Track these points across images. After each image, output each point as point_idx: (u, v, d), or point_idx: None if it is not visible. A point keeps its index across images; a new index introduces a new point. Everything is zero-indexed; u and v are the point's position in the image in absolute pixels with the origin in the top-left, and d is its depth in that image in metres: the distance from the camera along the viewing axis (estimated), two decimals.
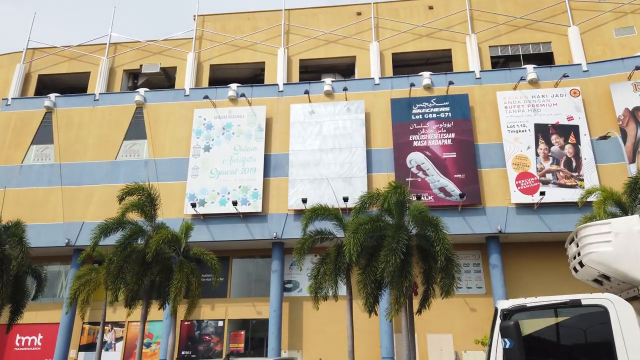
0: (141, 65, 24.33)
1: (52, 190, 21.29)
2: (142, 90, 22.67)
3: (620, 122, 18.96)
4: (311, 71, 24.17)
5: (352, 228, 12.13)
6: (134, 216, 15.25)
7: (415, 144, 19.98)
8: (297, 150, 20.42)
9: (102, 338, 17.49)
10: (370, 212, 14.02)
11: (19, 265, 12.67)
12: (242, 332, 19.05)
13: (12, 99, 23.37)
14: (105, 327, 20.37)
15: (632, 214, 11.85)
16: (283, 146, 20.73)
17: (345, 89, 20.74)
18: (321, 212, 14.41)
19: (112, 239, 14.90)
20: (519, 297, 18.46)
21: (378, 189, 13.91)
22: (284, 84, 22.02)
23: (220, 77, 24.07)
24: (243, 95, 21.44)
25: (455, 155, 19.49)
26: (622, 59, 19.88)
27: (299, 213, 19.25)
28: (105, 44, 24.65)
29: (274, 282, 18.97)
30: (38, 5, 61.13)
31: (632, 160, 18.37)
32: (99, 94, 23.09)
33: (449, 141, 19.81)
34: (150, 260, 13.68)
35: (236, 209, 19.16)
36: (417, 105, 20.62)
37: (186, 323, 19.73)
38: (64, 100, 23.05)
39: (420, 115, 20.44)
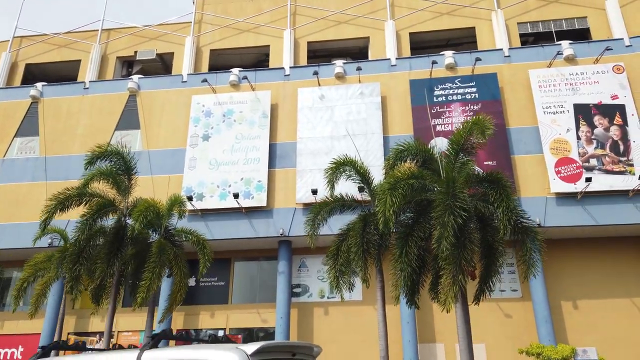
0: (136, 52, 22.46)
1: (36, 186, 19.27)
2: (135, 77, 20.74)
3: None
4: (320, 55, 22.13)
5: (388, 185, 9.69)
6: (105, 189, 13.00)
7: (438, 128, 17.77)
8: (305, 137, 18.29)
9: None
10: None
11: None
12: (239, 336, 16.71)
13: None
14: (93, 338, 18.22)
15: None
16: (290, 134, 18.62)
17: (359, 69, 18.62)
18: (349, 164, 12.13)
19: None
20: (560, 300, 15.76)
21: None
22: (290, 67, 19.97)
23: (221, 63, 22.11)
24: (245, 78, 19.42)
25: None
26: None
27: (308, 207, 17.05)
28: (97, 30, 22.83)
29: (280, 285, 16.70)
30: None
31: None
32: (89, 82, 21.17)
33: None
34: (123, 242, 11.41)
35: (238, 203, 17.00)
36: (440, 87, 18.46)
37: (182, 332, 17.48)
38: (52, 89, 21.15)
39: (444, 97, 18.27)
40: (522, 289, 16.71)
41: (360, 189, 15.01)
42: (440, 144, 17.38)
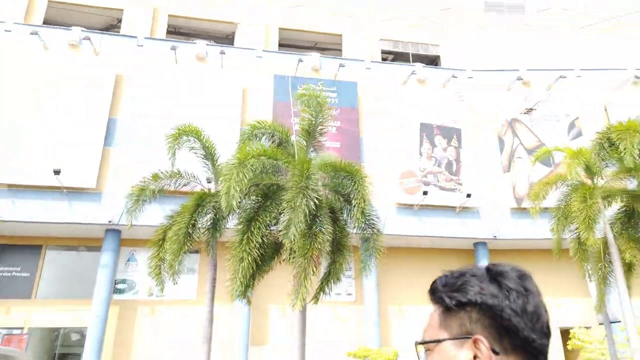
0: None
1: None
2: None
3: (499, 131, 18.82)
4: (182, 33, 20.41)
5: (237, 160, 8.69)
6: None
7: (297, 127, 17.46)
8: (154, 117, 16.46)
9: None
10: None
11: None
12: (25, 336, 14.06)
13: None
14: None
15: (600, 176, 10.68)
16: (135, 111, 16.62)
17: (222, 53, 17.48)
18: (192, 133, 10.84)
19: None
20: (388, 305, 16.59)
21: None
22: (145, 38, 17.93)
23: (59, 19, 19.00)
24: (88, 40, 16.85)
25: (339, 145, 17.45)
26: (503, 70, 19.98)
27: None
28: None
29: (101, 279, 14.61)
30: None
31: (508, 169, 18.22)
32: None
33: (334, 129, 17.71)
34: None
35: (59, 181, 14.47)
36: (303, 87, 18.18)
37: None
38: None
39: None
40: (356, 293, 17.18)
41: (209, 180, 13.85)
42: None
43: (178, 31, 20.44)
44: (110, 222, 14.83)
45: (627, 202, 10.08)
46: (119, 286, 15.50)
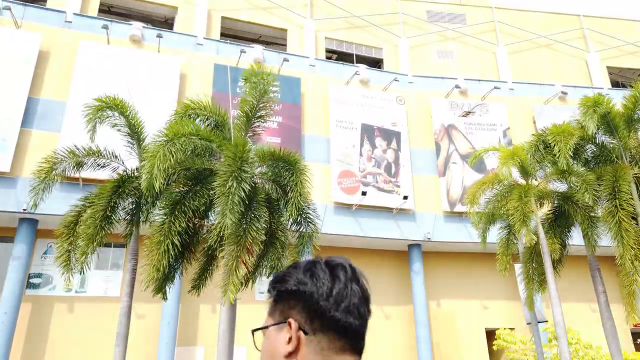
0: None
1: None
2: None
3: (436, 137, 19.35)
4: (116, 13, 19.17)
5: (165, 137, 7.94)
6: None
7: (236, 121, 16.89)
8: (80, 99, 15.16)
9: None
10: None
11: None
12: None
13: None
14: None
15: (534, 177, 11.04)
16: (60, 91, 15.31)
17: (159, 36, 16.57)
18: (117, 107, 9.80)
19: None
20: None
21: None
22: (74, 14, 16.59)
23: None
24: (9, 10, 15.29)
25: (279, 141, 17.05)
26: (442, 77, 20.62)
27: (71, 182, 14.05)
28: None
29: (12, 272, 13.21)
30: None
31: (443, 174, 18.75)
32: None
33: (275, 124, 17.35)
34: None
35: None
36: (252, 64, 17.68)
37: None
38: None
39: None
40: None
41: (139, 169, 12.90)
42: None
43: (111, 10, 19.18)
44: (25, 210, 13.44)
45: (559, 202, 10.63)
46: (33, 281, 14.10)
